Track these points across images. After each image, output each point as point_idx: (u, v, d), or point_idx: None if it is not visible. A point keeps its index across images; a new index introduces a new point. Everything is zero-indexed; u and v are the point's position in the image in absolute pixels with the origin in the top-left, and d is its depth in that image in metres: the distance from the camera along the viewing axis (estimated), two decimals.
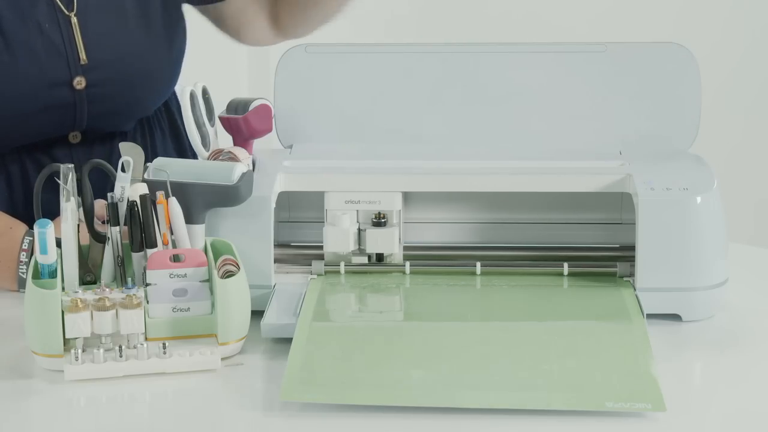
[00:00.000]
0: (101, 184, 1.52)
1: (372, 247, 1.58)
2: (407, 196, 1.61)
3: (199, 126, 1.61)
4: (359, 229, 1.58)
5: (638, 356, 1.37)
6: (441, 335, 1.44)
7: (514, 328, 1.45)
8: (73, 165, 1.44)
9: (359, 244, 1.59)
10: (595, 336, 1.42)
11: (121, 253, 1.46)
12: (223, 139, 1.65)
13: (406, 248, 1.60)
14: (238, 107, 1.64)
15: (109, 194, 1.45)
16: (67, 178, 1.43)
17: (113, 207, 1.44)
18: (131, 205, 1.44)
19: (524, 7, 3.36)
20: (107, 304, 1.38)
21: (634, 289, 1.51)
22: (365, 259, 1.59)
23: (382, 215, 1.58)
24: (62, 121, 1.77)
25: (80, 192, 1.46)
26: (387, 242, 1.58)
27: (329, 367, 1.36)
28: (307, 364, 1.35)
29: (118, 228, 1.45)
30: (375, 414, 1.28)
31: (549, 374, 1.33)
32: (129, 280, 1.41)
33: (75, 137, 1.81)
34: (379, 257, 1.59)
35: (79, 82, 1.74)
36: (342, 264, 1.58)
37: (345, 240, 1.57)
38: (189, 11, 1.90)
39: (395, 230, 1.58)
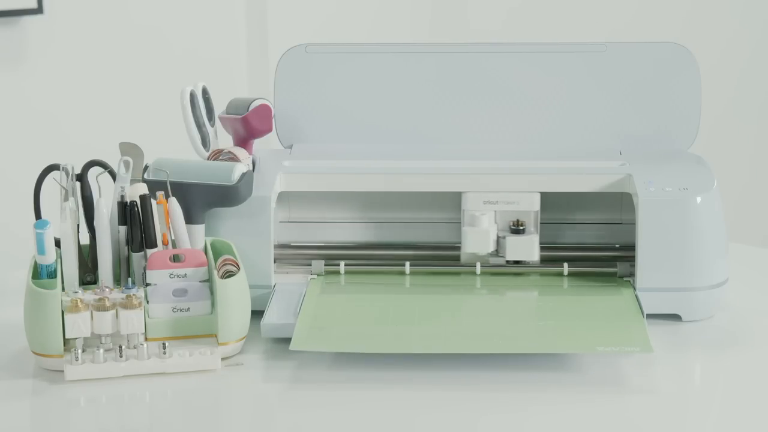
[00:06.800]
0: None
1: (512, 255, 1.57)
2: (399, 195, 1.61)
3: (199, 126, 1.61)
4: (498, 236, 1.57)
5: (628, 313, 1.44)
6: (441, 304, 1.50)
7: (512, 301, 1.50)
8: (72, 164, 1.44)
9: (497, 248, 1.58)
10: (590, 303, 1.48)
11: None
12: (223, 139, 1.65)
13: (405, 247, 1.61)
14: (238, 107, 1.64)
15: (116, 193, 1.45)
16: (66, 177, 1.43)
17: (121, 206, 1.45)
18: (131, 205, 1.44)
19: (525, 7, 3.36)
20: (107, 304, 1.38)
21: (634, 289, 1.51)
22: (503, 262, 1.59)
23: (520, 222, 1.57)
24: None
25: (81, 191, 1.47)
26: (527, 250, 1.57)
27: (335, 323, 1.43)
28: (315, 322, 1.42)
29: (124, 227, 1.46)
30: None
31: (544, 327, 1.40)
32: (129, 280, 1.42)
33: None
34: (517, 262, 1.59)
35: None
36: (342, 264, 1.58)
37: (485, 241, 1.56)
38: None
39: (534, 237, 1.56)
